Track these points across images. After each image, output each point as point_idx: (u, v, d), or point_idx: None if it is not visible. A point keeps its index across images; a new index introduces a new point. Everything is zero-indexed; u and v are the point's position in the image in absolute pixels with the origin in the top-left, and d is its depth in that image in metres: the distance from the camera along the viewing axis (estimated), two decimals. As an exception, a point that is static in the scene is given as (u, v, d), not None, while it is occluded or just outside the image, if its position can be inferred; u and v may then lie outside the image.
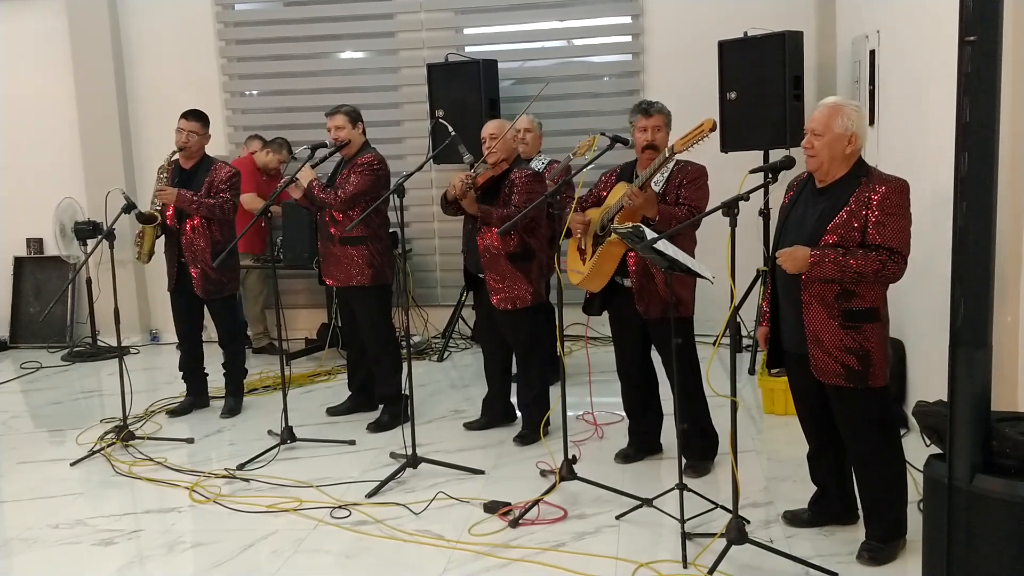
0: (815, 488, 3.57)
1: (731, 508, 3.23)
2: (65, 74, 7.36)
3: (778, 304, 3.38)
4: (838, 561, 3.26)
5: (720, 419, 3.96)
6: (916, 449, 3.51)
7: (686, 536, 3.36)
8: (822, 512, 3.54)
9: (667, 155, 3.82)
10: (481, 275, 4.63)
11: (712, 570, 3.13)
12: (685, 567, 3.27)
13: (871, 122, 5.20)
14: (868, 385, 3.15)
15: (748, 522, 3.40)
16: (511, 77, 6.94)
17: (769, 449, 4.52)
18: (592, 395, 4.93)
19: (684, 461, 4.20)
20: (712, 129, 3.58)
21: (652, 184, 3.93)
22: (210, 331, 5.64)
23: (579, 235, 4.13)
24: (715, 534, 3.34)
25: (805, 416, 3.49)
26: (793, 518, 3.60)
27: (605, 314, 4.29)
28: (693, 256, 4.01)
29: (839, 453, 3.42)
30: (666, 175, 3.99)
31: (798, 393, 3.47)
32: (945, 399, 2.47)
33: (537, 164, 5.44)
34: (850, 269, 3.04)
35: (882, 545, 3.25)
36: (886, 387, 3.20)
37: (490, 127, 4.63)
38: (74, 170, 7.40)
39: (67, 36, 7.30)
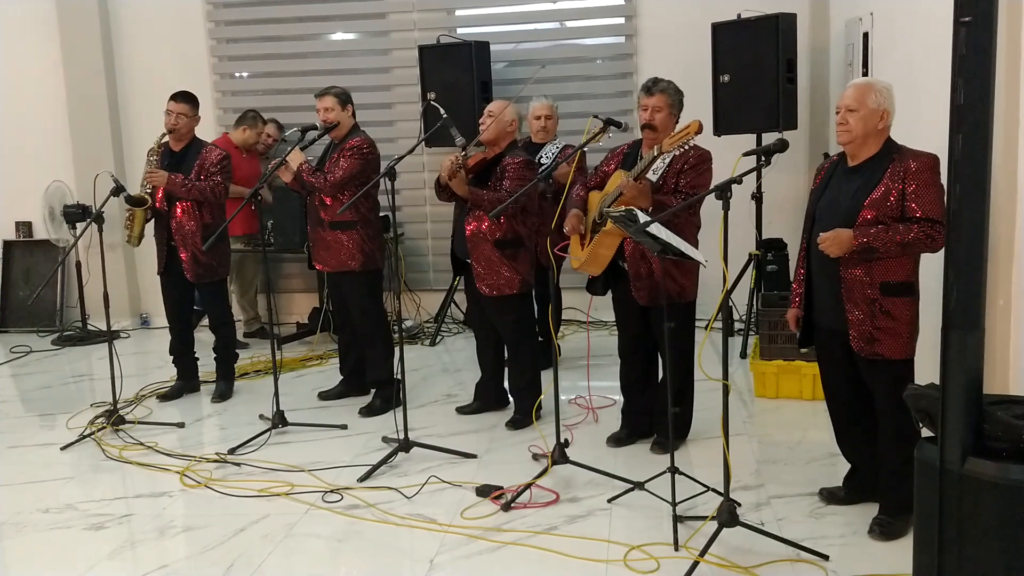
0: (810, 472, 3.58)
1: (722, 491, 3.24)
2: (53, 57, 7.28)
3: (811, 282, 3.44)
4: (829, 544, 3.27)
5: (711, 403, 3.96)
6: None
7: (677, 519, 3.36)
8: (856, 488, 3.58)
9: (655, 154, 3.82)
10: (469, 260, 4.61)
11: (703, 553, 3.14)
12: (676, 550, 3.28)
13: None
14: (903, 357, 3.25)
15: (739, 505, 3.41)
16: (503, 59, 6.90)
17: (760, 432, 4.53)
18: (590, 378, 4.93)
19: (654, 437, 4.25)
20: (698, 131, 3.64)
21: (651, 171, 3.92)
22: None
23: (567, 230, 4.13)
24: (706, 517, 3.36)
25: (833, 392, 3.55)
26: (830, 496, 3.64)
27: (601, 298, 4.29)
28: (697, 240, 4.02)
29: (868, 429, 3.47)
30: (667, 160, 3.96)
31: (828, 369, 3.53)
32: (937, 382, 2.46)
33: (551, 149, 5.39)
34: (893, 242, 3.12)
35: (892, 519, 3.31)
36: (911, 360, 3.30)
37: (492, 106, 4.60)
38: (63, 153, 7.34)
39: (55, 18, 7.22)
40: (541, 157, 5.28)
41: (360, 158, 4.79)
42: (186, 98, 5.15)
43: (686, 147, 3.74)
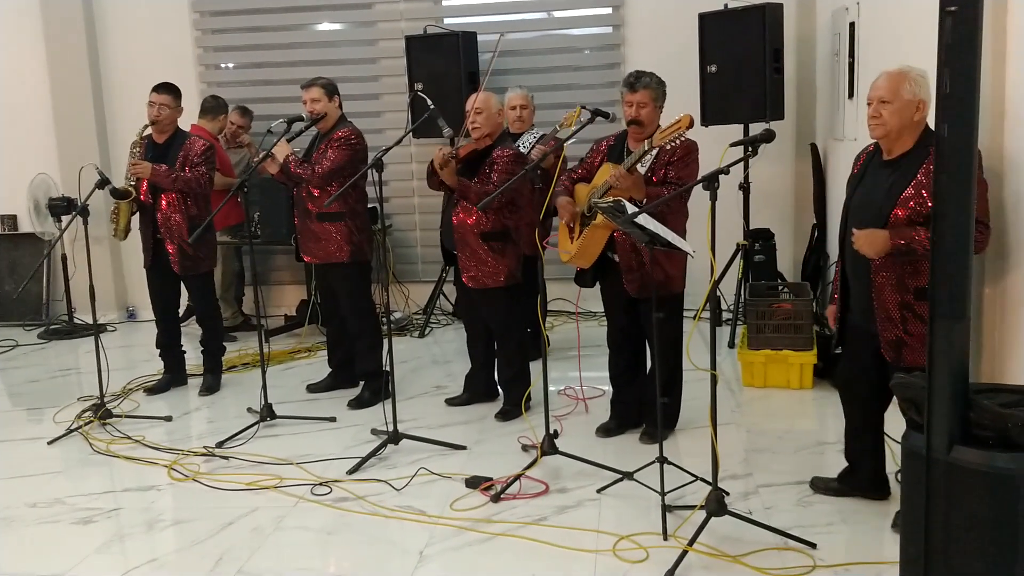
0: (797, 460, 3.58)
1: (711, 480, 3.25)
2: (37, 48, 7.21)
3: (846, 280, 3.34)
4: (816, 532, 3.29)
5: (700, 392, 3.98)
6: (897, 420, 3.53)
7: (666, 508, 3.38)
8: (851, 484, 3.56)
9: (646, 148, 3.81)
10: (456, 251, 4.60)
11: (692, 542, 3.15)
12: (665, 539, 3.29)
13: (850, 95, 5.20)
14: None
15: (727, 494, 3.43)
16: (491, 50, 6.85)
17: (748, 422, 4.55)
18: (580, 369, 4.94)
19: (643, 427, 4.26)
20: (689, 126, 3.57)
21: (639, 164, 3.92)
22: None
23: (564, 220, 4.13)
24: (695, 506, 3.37)
25: (853, 393, 3.47)
26: (823, 486, 3.63)
27: (590, 289, 4.30)
28: (685, 230, 4.02)
29: (878, 432, 3.44)
30: (654, 153, 3.96)
31: (852, 369, 3.44)
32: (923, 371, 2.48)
33: (528, 138, 5.39)
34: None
35: None
36: None
37: (475, 100, 4.55)
38: (47, 146, 7.28)
39: (38, 9, 7.15)
40: (519, 147, 5.27)
41: (348, 149, 4.76)
42: (168, 89, 5.11)
43: (678, 141, 3.74)
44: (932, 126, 2.40)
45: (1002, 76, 3.09)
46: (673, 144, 3.77)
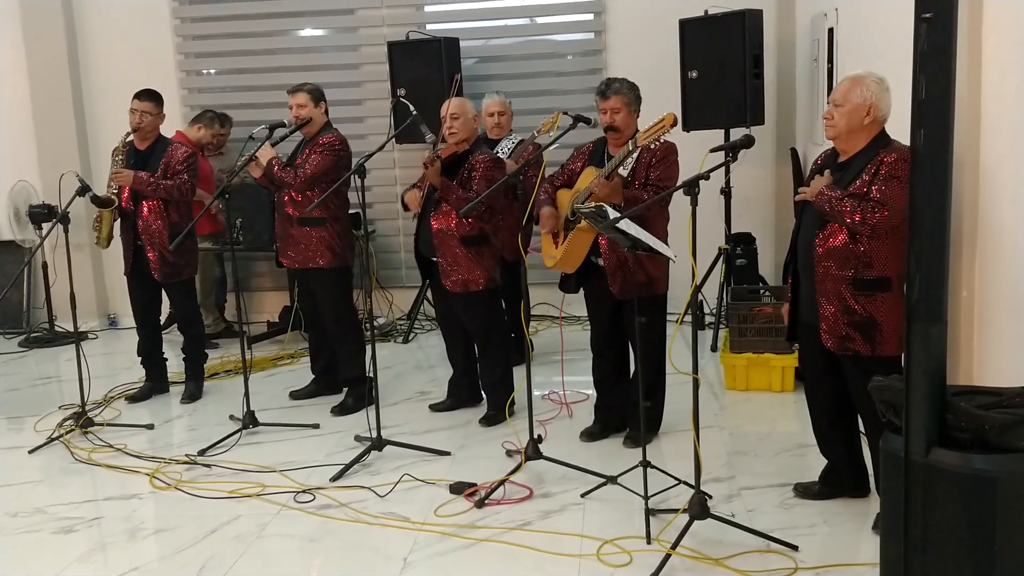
0: (779, 462, 3.60)
1: (694, 484, 3.26)
2: (16, 54, 7.15)
3: (798, 277, 3.45)
4: (798, 534, 3.31)
5: (682, 396, 3.99)
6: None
7: (650, 512, 3.39)
8: (833, 485, 3.59)
9: (630, 148, 3.83)
10: (434, 259, 4.60)
11: (675, 545, 3.16)
12: (649, 543, 3.30)
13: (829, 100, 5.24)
14: (878, 355, 3.20)
15: (710, 497, 3.44)
16: (473, 55, 6.89)
17: (731, 425, 4.57)
18: (564, 374, 4.96)
19: (627, 431, 4.28)
20: (673, 124, 3.63)
21: (620, 168, 3.94)
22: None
23: (546, 230, 4.15)
24: (678, 510, 3.38)
25: (814, 389, 3.55)
26: (804, 491, 3.64)
27: (575, 293, 4.32)
28: (666, 234, 4.05)
29: (849, 427, 3.49)
30: (635, 156, 3.99)
31: (808, 365, 3.55)
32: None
33: (507, 144, 5.40)
34: (835, 206, 3.12)
35: None
36: (898, 357, 3.20)
37: (451, 106, 4.56)
38: (27, 153, 7.22)
39: (18, 14, 7.10)
40: (497, 153, 5.29)
41: (332, 154, 4.76)
42: (150, 96, 5.09)
43: (661, 140, 3.77)
44: (903, 130, 2.43)
45: (978, 82, 3.12)
46: (655, 144, 3.80)
